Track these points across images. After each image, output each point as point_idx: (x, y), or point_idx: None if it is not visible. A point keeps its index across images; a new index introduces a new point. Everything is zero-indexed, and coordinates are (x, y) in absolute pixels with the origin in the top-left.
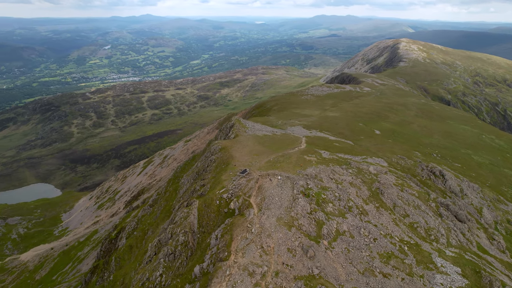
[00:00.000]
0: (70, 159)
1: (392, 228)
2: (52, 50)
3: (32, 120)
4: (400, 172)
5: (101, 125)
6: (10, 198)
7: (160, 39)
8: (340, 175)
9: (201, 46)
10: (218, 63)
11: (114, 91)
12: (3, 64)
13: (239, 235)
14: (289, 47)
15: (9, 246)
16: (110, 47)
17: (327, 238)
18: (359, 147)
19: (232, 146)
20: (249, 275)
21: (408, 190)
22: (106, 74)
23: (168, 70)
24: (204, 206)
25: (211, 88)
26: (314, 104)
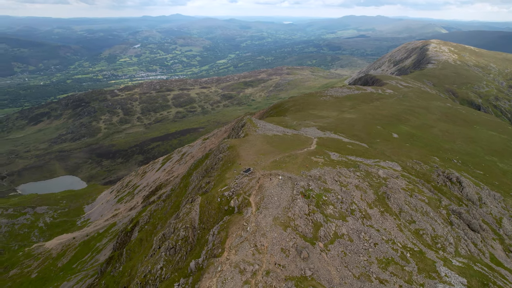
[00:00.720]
0: (96, 154)
1: (395, 233)
2: (86, 48)
3: (64, 115)
4: (413, 177)
5: (127, 122)
6: (40, 188)
7: (188, 39)
8: (346, 177)
9: (228, 45)
10: (244, 63)
11: (141, 88)
12: (42, 62)
13: (234, 233)
14: (316, 48)
15: (36, 234)
16: (140, 45)
17: (324, 240)
18: (373, 150)
19: (240, 145)
20: (240, 273)
21: (418, 195)
22: (135, 72)
23: (195, 69)
24: (206, 203)
25: (235, 87)
26: (332, 106)
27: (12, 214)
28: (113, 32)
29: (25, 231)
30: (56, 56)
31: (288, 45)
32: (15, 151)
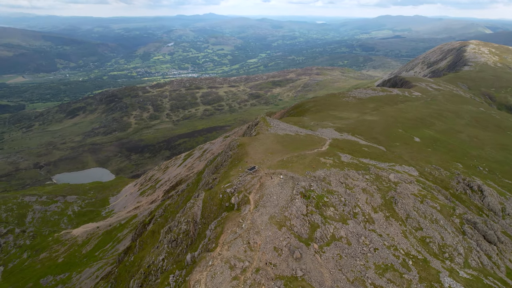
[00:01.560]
0: (126, 148)
1: (399, 240)
2: (123, 46)
3: (98, 109)
4: (429, 183)
5: (156, 118)
6: (73, 179)
7: (220, 37)
8: (354, 180)
9: (259, 45)
10: (274, 62)
11: (171, 86)
12: (81, 59)
13: (229, 229)
14: (349, 48)
15: (65, 221)
16: (173, 44)
17: (319, 242)
18: (391, 154)
19: (249, 143)
20: (230, 268)
21: (430, 202)
22: (167, 70)
23: (225, 67)
24: (209, 198)
25: (263, 86)
26: (354, 107)
27: (45, 201)
28: (148, 30)
29: (56, 218)
30: (95, 53)
31: (320, 45)
32: (53, 142)
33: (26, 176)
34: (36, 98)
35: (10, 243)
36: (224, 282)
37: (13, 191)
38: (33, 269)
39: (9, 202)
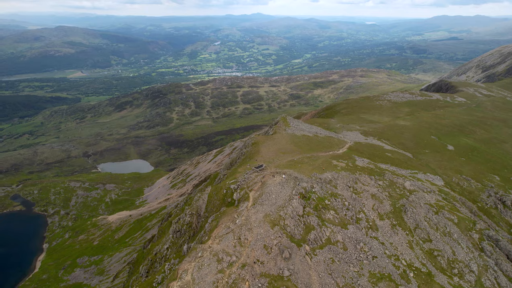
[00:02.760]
0: (166, 142)
1: (403, 250)
2: (172, 44)
3: (144, 104)
4: (454, 194)
5: (197, 114)
6: (115, 168)
7: (266, 37)
8: (364, 185)
9: (305, 45)
10: (318, 63)
11: (214, 84)
12: (133, 56)
13: (224, 224)
14: (398, 50)
15: (103, 207)
16: (219, 43)
17: (312, 244)
18: (416, 161)
19: (263, 142)
20: (217, 261)
21: (446, 213)
22: (212, 68)
23: (269, 67)
24: (214, 193)
25: (304, 87)
26: (386, 111)
27: (88, 187)
28: (197, 29)
29: (95, 204)
30: (146, 51)
31: (368, 46)
32: (101, 133)
33: (76, 163)
34: (91, 92)
35: (55, 223)
36: (209, 274)
37: (63, 176)
38: (72, 248)
39: (58, 186)
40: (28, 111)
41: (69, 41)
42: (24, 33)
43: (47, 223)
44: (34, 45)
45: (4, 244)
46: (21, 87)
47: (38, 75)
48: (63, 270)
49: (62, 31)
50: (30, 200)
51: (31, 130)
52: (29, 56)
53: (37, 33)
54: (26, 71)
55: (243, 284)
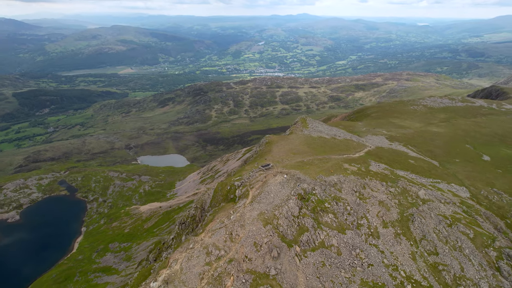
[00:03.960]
0: (203, 139)
1: (404, 260)
2: (217, 43)
3: (185, 101)
4: (478, 207)
5: (235, 113)
6: (153, 161)
7: (310, 38)
8: (373, 190)
9: (350, 46)
10: (363, 65)
11: (254, 83)
12: (180, 54)
13: (219, 218)
14: (452, 53)
15: (136, 197)
16: (263, 43)
17: (304, 246)
18: (442, 170)
19: (277, 142)
20: (206, 254)
21: (461, 227)
22: (255, 68)
23: (312, 68)
24: (219, 189)
25: (345, 89)
26: (420, 116)
27: (125, 178)
28: (242, 29)
29: (129, 194)
30: (192, 49)
31: (418, 49)
32: (143, 127)
33: (118, 154)
34: (138, 88)
35: (93, 209)
36: (197, 265)
37: (105, 166)
38: (105, 234)
39: (99, 175)
40: (81, 104)
41: (121, 39)
42: (83, 32)
43: (86, 209)
44: (91, 43)
45: (50, 224)
46: (78, 81)
47: (93, 70)
48: (96, 253)
49: (116, 30)
50: (74, 186)
51: (83, 122)
52: (87, 53)
53: (95, 32)
54: (83, 67)
55: (227, 278)
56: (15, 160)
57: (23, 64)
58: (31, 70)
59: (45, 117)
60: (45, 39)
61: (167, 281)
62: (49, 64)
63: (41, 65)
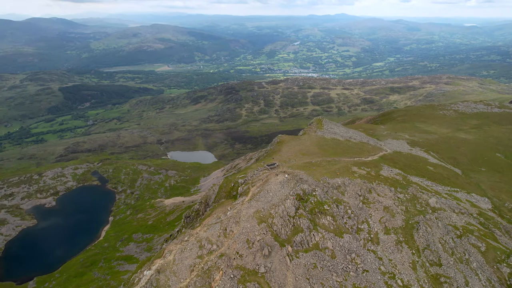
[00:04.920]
0: (232, 137)
1: (403, 269)
2: (252, 43)
3: (217, 99)
4: (499, 220)
5: (265, 112)
6: (182, 157)
7: (347, 39)
8: (379, 195)
9: (389, 48)
10: (401, 68)
11: (285, 83)
12: (215, 53)
13: (216, 214)
14: (501, 56)
15: (162, 191)
16: (299, 43)
17: (297, 247)
18: (464, 179)
19: (287, 142)
20: (199, 247)
21: (472, 239)
22: (289, 68)
23: (347, 69)
24: (224, 185)
25: (379, 92)
26: (448, 122)
27: (153, 171)
28: (278, 29)
29: (156, 187)
30: (227, 48)
31: (463, 51)
32: (175, 124)
33: (149, 149)
34: (173, 85)
35: (121, 200)
36: (189, 257)
37: (136, 159)
38: (130, 224)
39: (128, 168)
40: (119, 99)
41: (160, 38)
42: (125, 31)
43: (115, 199)
44: (131, 41)
45: (81, 211)
46: (117, 77)
47: (132, 67)
48: (121, 242)
49: (156, 28)
50: (105, 177)
51: (119, 116)
52: (127, 50)
53: (135, 30)
54: (123, 63)
55: (216, 272)
56: (56, 150)
57: (70, 60)
58: (76, 66)
59: (86, 111)
60: (91, 37)
61: (159, 270)
62: (93, 61)
63: (86, 62)
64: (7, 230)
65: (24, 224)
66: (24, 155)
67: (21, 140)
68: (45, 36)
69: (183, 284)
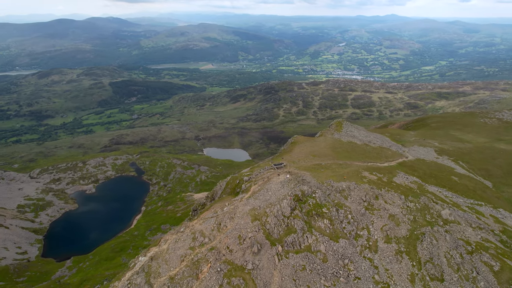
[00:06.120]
0: (267, 136)
1: (399, 281)
2: (296, 43)
3: (256, 98)
4: None
5: (303, 114)
6: (217, 154)
7: (395, 40)
8: (386, 203)
9: (441, 51)
10: (454, 72)
11: (326, 85)
12: (259, 52)
13: (214, 208)
14: None
15: (193, 185)
16: (344, 44)
17: (288, 247)
18: (494, 192)
19: (301, 143)
20: (192, 239)
21: (485, 257)
22: (332, 69)
23: (394, 72)
24: (231, 182)
25: (425, 97)
26: (488, 131)
27: (185, 166)
28: (323, 30)
29: (187, 181)
30: (271, 48)
31: None
32: (213, 121)
33: (187, 144)
34: (215, 83)
35: (154, 191)
36: (182, 248)
37: (173, 153)
38: (160, 215)
39: (164, 161)
40: (163, 95)
41: (206, 37)
42: (173, 29)
43: (148, 190)
44: (179, 40)
45: (117, 200)
46: (163, 74)
47: (177, 65)
48: (149, 231)
49: (202, 27)
50: (142, 169)
51: (162, 112)
52: (174, 48)
53: (183, 29)
54: (170, 61)
55: (205, 264)
56: (102, 141)
57: (122, 57)
58: (127, 63)
59: (132, 105)
60: (141, 35)
61: (153, 257)
62: (142, 58)
63: (136, 58)
64: (52, 211)
65: (67, 207)
66: (74, 144)
67: (73, 130)
68: (101, 34)
69: (172, 272)
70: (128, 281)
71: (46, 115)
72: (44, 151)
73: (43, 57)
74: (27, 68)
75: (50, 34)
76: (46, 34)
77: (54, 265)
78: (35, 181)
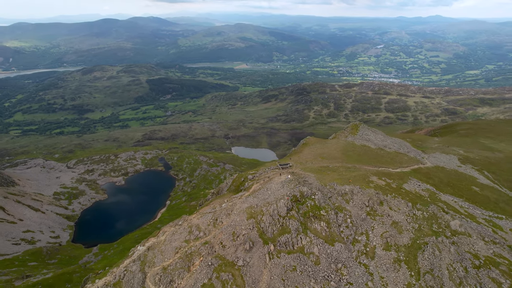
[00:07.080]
0: (296, 137)
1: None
2: (332, 44)
3: (287, 99)
4: None
5: (334, 116)
6: (245, 153)
7: (437, 43)
8: (391, 209)
9: (489, 54)
10: (502, 77)
11: (360, 87)
12: (293, 53)
13: (212, 204)
14: None
15: (216, 182)
16: (382, 46)
17: (281, 247)
18: None
19: (311, 145)
20: (188, 233)
21: (494, 273)
22: (368, 72)
23: (434, 76)
24: (237, 179)
25: (465, 103)
26: None
27: (211, 163)
28: (361, 31)
29: (211, 178)
30: (306, 49)
31: None
32: (243, 120)
33: (216, 142)
34: (248, 83)
35: (180, 186)
36: (177, 240)
37: (201, 150)
38: (183, 210)
39: (191, 157)
40: (197, 93)
41: (242, 37)
42: (210, 29)
43: (174, 185)
44: (215, 39)
45: (145, 193)
46: (198, 73)
47: (212, 64)
48: None
49: (239, 27)
50: (170, 164)
51: (194, 109)
52: (210, 48)
53: (220, 29)
54: (205, 60)
55: (197, 258)
56: (136, 135)
57: (159, 55)
58: (164, 61)
59: (166, 102)
60: (179, 35)
61: (150, 247)
62: (179, 57)
63: (173, 57)
64: (84, 200)
65: (97, 197)
66: (109, 137)
67: (110, 124)
68: (141, 33)
69: (166, 263)
70: (125, 268)
71: (87, 109)
72: (82, 143)
73: (88, 54)
74: (73, 64)
75: (95, 33)
76: (92, 33)
77: (82, 251)
78: (71, 171)
